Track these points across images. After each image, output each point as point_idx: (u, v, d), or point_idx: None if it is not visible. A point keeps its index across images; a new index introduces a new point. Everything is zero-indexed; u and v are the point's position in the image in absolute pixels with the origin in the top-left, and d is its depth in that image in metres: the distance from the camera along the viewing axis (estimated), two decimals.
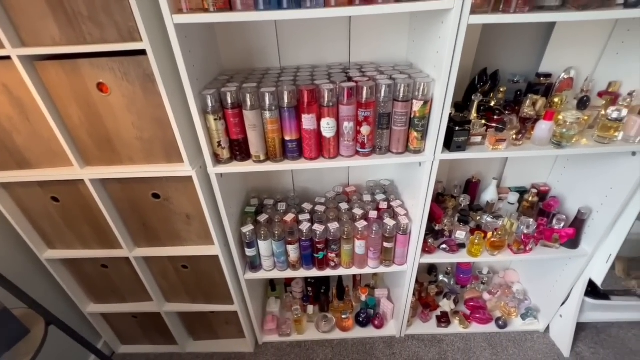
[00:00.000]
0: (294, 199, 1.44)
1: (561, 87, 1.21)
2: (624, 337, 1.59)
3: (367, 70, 1.08)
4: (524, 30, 1.20)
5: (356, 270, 1.36)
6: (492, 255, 1.33)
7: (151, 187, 1.10)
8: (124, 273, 1.34)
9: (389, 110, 0.98)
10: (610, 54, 1.16)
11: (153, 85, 0.88)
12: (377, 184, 1.49)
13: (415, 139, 1.02)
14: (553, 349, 1.56)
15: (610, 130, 1.03)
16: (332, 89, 0.94)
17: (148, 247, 1.26)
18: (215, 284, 1.37)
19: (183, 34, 0.84)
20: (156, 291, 1.40)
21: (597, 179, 1.25)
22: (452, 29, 0.82)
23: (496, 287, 1.74)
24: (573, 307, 1.46)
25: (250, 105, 0.96)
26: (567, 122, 1.01)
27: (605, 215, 1.23)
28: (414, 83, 0.95)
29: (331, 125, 0.98)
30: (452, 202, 1.44)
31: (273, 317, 1.66)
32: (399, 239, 1.27)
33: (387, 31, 1.17)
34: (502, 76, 1.21)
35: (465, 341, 1.61)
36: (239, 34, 1.15)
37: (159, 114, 0.93)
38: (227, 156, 1.05)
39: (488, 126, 1.07)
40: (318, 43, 1.19)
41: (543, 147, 1.05)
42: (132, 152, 1.02)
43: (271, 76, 1.09)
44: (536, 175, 1.52)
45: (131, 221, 1.19)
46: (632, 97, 1.06)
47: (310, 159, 1.05)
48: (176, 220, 1.18)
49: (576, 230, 1.29)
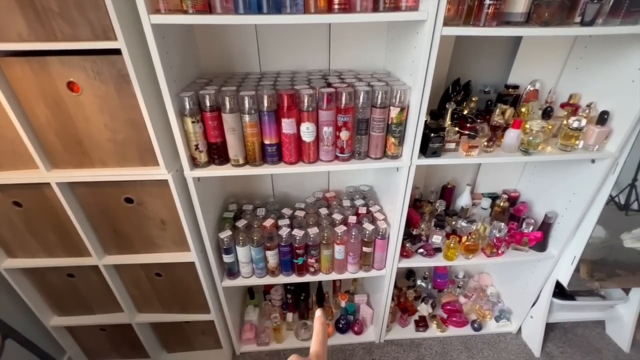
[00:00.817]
0: (274, 205, 1.42)
1: (528, 98, 1.28)
2: (588, 335, 1.68)
3: (346, 77, 1.10)
4: (493, 44, 1.27)
5: (336, 276, 1.36)
6: (467, 259, 1.37)
7: (124, 191, 1.06)
8: (92, 282, 1.27)
9: (367, 116, 1.01)
10: (571, 68, 1.25)
11: (128, 86, 0.86)
12: (357, 190, 1.51)
13: (392, 145, 1.05)
14: (525, 350, 1.61)
15: (572, 139, 1.10)
16: (312, 94, 0.95)
17: (119, 255, 1.21)
18: (191, 292, 1.32)
19: (160, 35, 0.83)
20: (127, 301, 1.33)
21: (561, 185, 1.32)
22: (426, 39, 0.86)
23: (471, 291, 1.79)
24: (542, 308, 1.52)
25: (230, 109, 0.95)
26: (533, 130, 1.07)
27: (569, 219, 1.30)
28: (391, 90, 0.98)
29: (311, 130, 0.99)
30: (428, 207, 1.48)
31: (251, 326, 1.62)
32: (377, 243, 1.29)
33: (366, 40, 1.20)
34: (474, 86, 1.27)
35: (442, 344, 1.63)
36: (219, 37, 1.15)
37: (134, 115, 0.90)
38: (204, 160, 1.03)
39: (461, 133, 1.12)
40: (299, 49, 1.20)
41: (512, 153, 1.10)
42: (103, 155, 0.98)
43: (251, 80, 1.09)
44: (507, 181, 1.59)
45: (101, 227, 1.14)
46: (590, 108, 1.14)
47: (290, 164, 1.05)
48: (150, 225, 1.14)
49: (544, 233, 1.36)
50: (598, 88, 1.15)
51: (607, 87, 1.12)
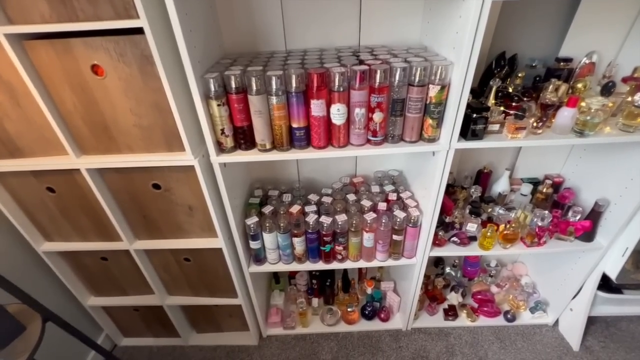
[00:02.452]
0: (299, 190, 1.39)
1: (582, 73, 1.14)
2: (634, 330, 1.57)
3: (378, 53, 1.01)
4: (545, 11, 1.13)
5: (364, 264, 1.32)
6: (505, 248, 1.29)
7: (151, 177, 1.04)
8: (124, 266, 1.30)
9: (403, 95, 0.92)
10: (636, 37, 1.10)
11: (152, 68, 0.82)
12: (386, 175, 1.44)
13: (430, 127, 0.96)
14: (562, 343, 1.53)
15: (637, 118, 0.97)
16: (343, 72, 0.88)
17: (149, 240, 1.22)
18: (219, 277, 1.33)
19: (183, 11, 0.77)
20: (158, 284, 1.36)
21: (617, 170, 1.20)
22: (475, 7, 0.76)
23: (504, 280, 1.71)
24: (585, 300, 1.42)
25: (256, 90, 0.90)
26: (592, 109, 0.95)
27: (624, 207, 1.18)
28: (430, 66, 0.89)
29: (342, 111, 0.92)
30: (462, 193, 1.39)
31: (277, 310, 1.63)
32: (408, 231, 1.23)
33: (400, 11, 1.10)
34: (519, 61, 1.15)
35: (472, 334, 1.58)
36: (242, 13, 1.08)
37: (159, 99, 0.87)
38: (231, 145, 0.99)
39: (507, 113, 1.02)
40: (326, 24, 1.12)
41: (565, 135, 0.99)
42: (130, 140, 0.96)
43: (277, 59, 1.02)
44: (550, 166, 1.47)
45: (131, 213, 1.14)
46: None
47: (319, 148, 0.99)
48: (178, 211, 1.13)
49: (592, 222, 1.24)
50: None
51: None
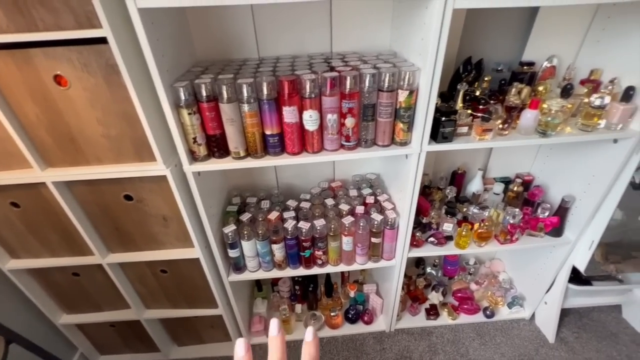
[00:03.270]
0: (278, 196, 1.38)
1: (544, 76, 1.20)
2: (604, 320, 1.64)
3: (350, 60, 1.03)
4: (507, 18, 1.18)
5: (344, 267, 1.33)
6: (480, 247, 1.32)
7: (122, 188, 1.02)
8: (97, 281, 1.25)
9: (374, 101, 0.94)
10: (592, 42, 1.16)
11: (118, 77, 0.80)
12: (364, 178, 1.46)
13: (401, 131, 0.99)
14: (538, 336, 1.58)
15: (594, 118, 1.03)
16: (314, 79, 0.89)
17: (123, 253, 1.18)
18: (198, 288, 1.30)
19: (149, 20, 0.76)
20: (134, 298, 1.32)
21: (580, 168, 1.26)
22: (437, 14, 0.79)
23: (483, 277, 1.76)
24: (557, 293, 1.48)
25: (227, 98, 0.89)
26: (552, 110, 1.00)
27: (588, 203, 1.24)
28: (398, 72, 0.91)
29: (314, 117, 0.93)
30: (438, 194, 1.43)
31: (260, 319, 1.61)
32: (386, 233, 1.25)
33: (370, 19, 1.12)
34: (486, 65, 1.20)
35: (454, 332, 1.61)
36: (214, 22, 1.08)
37: (127, 108, 0.85)
38: (204, 153, 0.98)
39: (474, 116, 1.05)
40: (298, 32, 1.13)
41: (529, 136, 1.04)
42: (98, 151, 0.93)
43: (249, 67, 1.02)
44: (520, 165, 1.53)
45: (102, 225, 1.11)
46: (613, 84, 1.06)
47: (293, 154, 1.00)
48: (152, 222, 1.11)
49: (560, 218, 1.30)
50: (622, 62, 1.07)
51: (632, 60, 1.04)
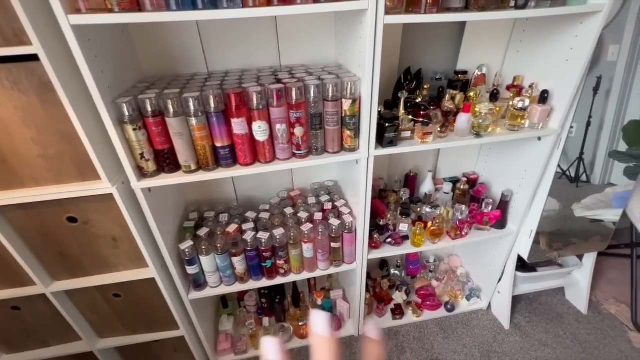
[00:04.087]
0: (238, 209, 1.38)
1: (476, 82, 1.33)
2: (551, 302, 1.78)
3: (297, 72, 1.08)
4: (440, 32, 1.30)
5: (307, 275, 1.34)
6: (434, 244, 1.40)
7: (65, 210, 0.97)
8: (41, 313, 1.16)
9: (320, 110, 0.99)
10: (513, 52, 1.31)
11: (53, 95, 0.78)
12: (322, 186, 1.49)
13: (348, 137, 1.04)
14: (495, 324, 1.68)
15: (518, 119, 1.15)
16: (260, 91, 0.92)
17: (69, 279, 1.11)
18: (156, 310, 1.25)
19: (85, 37, 0.76)
20: (85, 328, 1.24)
21: (514, 164, 1.39)
22: (369, 29, 0.86)
23: (442, 274, 1.84)
24: (507, 282, 1.59)
25: (174, 112, 0.89)
26: (482, 113, 1.10)
27: (523, 195, 1.37)
28: (341, 82, 0.96)
29: (263, 128, 0.96)
30: (393, 196, 1.50)
31: (227, 336, 1.56)
32: (345, 237, 1.28)
33: (315, 33, 1.18)
34: (425, 74, 1.30)
35: (419, 329, 1.67)
36: (158, 37, 1.08)
37: (65, 126, 0.82)
38: (153, 168, 0.96)
39: (415, 121, 1.13)
40: (246, 46, 1.16)
41: (464, 137, 1.13)
42: (35, 173, 0.89)
43: (197, 81, 1.03)
44: (466, 165, 1.65)
45: (44, 252, 1.04)
46: (532, 88, 1.20)
47: (246, 165, 1.01)
48: (101, 244, 1.06)
49: (502, 211, 1.42)
50: (538, 69, 1.21)
51: (545, 67, 1.18)
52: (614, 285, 1.84)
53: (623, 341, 1.57)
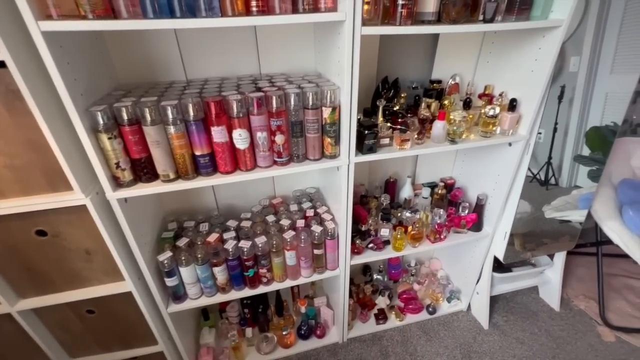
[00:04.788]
0: (218, 218, 1.36)
1: (450, 91, 1.38)
2: (526, 301, 1.85)
3: (277, 81, 1.09)
4: (415, 42, 1.35)
5: (290, 283, 1.33)
6: (414, 247, 1.43)
7: (33, 223, 0.92)
8: (6, 334, 1.09)
9: (301, 118, 1.00)
10: (483, 62, 1.38)
11: (21, 103, 0.75)
12: (304, 193, 1.50)
13: (329, 145, 1.05)
14: (475, 324, 1.73)
15: (490, 126, 1.20)
16: (240, 99, 0.92)
17: (37, 297, 1.05)
18: (132, 325, 1.20)
19: (56, 44, 0.73)
20: (55, 348, 1.17)
21: (488, 169, 1.45)
22: (347, 39, 0.88)
23: (424, 277, 1.88)
24: (485, 283, 1.65)
25: (151, 121, 0.88)
26: (456, 120, 1.15)
27: (497, 199, 1.43)
28: (321, 91, 0.98)
29: (243, 136, 0.96)
30: (374, 202, 1.52)
31: (208, 349, 1.52)
32: (328, 244, 1.29)
33: (294, 43, 1.20)
34: (402, 83, 1.34)
35: (402, 333, 1.69)
36: (135, 44, 1.06)
37: (33, 136, 0.79)
38: (129, 178, 0.94)
39: (393, 128, 1.17)
40: (226, 55, 1.16)
41: (440, 143, 1.17)
42: (0, 184, 0.84)
43: (175, 89, 1.02)
44: (443, 170, 1.70)
45: (10, 268, 0.98)
46: (502, 97, 1.26)
47: (226, 173, 1.00)
48: (73, 258, 1.01)
49: (478, 214, 1.47)
50: (506, 78, 1.28)
51: (513, 77, 1.25)
52: (583, 282, 1.94)
53: (593, 335, 1.65)
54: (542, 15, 1.04)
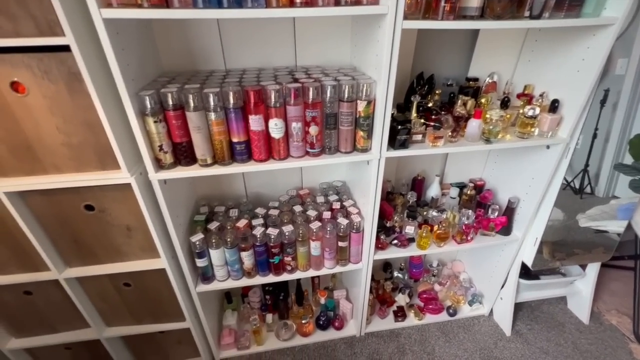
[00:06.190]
0: (247, 205, 1.40)
1: (487, 90, 1.35)
2: (552, 311, 1.79)
3: (312, 73, 1.10)
4: (453, 38, 1.32)
5: (313, 272, 1.36)
6: (439, 247, 1.41)
7: (83, 198, 0.99)
8: (52, 299, 1.19)
9: (335, 110, 1.01)
10: (524, 61, 1.33)
11: (81, 85, 0.80)
12: (330, 186, 1.51)
13: (361, 138, 1.06)
14: (497, 330, 1.69)
15: (528, 127, 1.17)
16: (279, 89, 0.94)
17: (82, 266, 1.14)
18: (164, 301, 1.27)
19: (114, 30, 0.78)
20: (94, 316, 1.26)
21: (522, 171, 1.40)
22: (388, 33, 0.88)
23: (445, 278, 1.85)
24: (510, 289, 1.60)
25: (194, 107, 0.92)
26: (493, 119, 1.12)
27: (530, 203, 1.38)
28: (357, 84, 0.99)
29: (279, 125, 0.98)
30: (400, 199, 1.52)
31: (230, 331, 1.58)
32: (352, 237, 1.30)
33: (331, 36, 1.21)
34: (437, 80, 1.32)
35: (420, 332, 1.68)
36: (180, 34, 1.11)
37: (90, 116, 0.85)
38: (170, 161, 0.99)
39: (427, 125, 1.15)
40: (264, 46, 1.19)
41: (475, 142, 1.15)
42: (58, 160, 0.91)
43: (215, 78, 1.06)
44: (473, 170, 1.66)
45: (60, 238, 1.07)
46: (543, 97, 1.22)
47: (260, 161, 1.03)
48: (115, 233, 1.08)
49: (508, 218, 1.43)
50: (549, 78, 1.23)
51: (556, 77, 1.20)
52: (617, 296, 1.85)
53: (624, 352, 1.58)
54: (594, 12, 0.99)
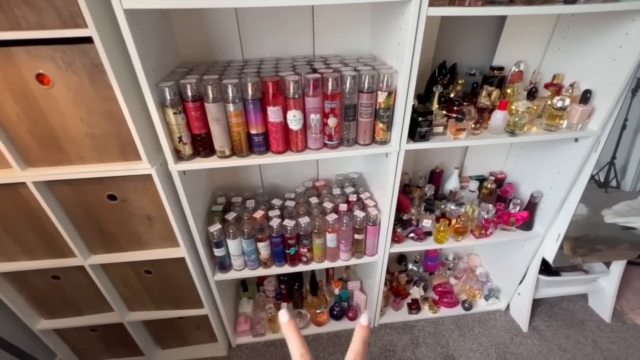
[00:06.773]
0: (263, 196, 1.40)
1: (513, 80, 1.29)
2: (572, 308, 1.75)
3: (331, 63, 1.08)
4: (478, 26, 1.26)
5: (328, 264, 1.36)
6: (457, 241, 1.39)
7: (106, 187, 1.02)
8: (78, 283, 1.23)
9: (355, 101, 0.99)
10: (554, 49, 1.26)
11: (102, 77, 0.81)
12: (346, 178, 1.50)
13: (381, 130, 1.04)
14: (513, 325, 1.67)
15: (556, 119, 1.11)
16: (297, 80, 0.93)
17: (105, 254, 1.17)
18: (183, 288, 1.30)
19: (134, 21, 0.78)
20: (117, 300, 1.31)
21: (546, 165, 1.35)
22: (412, 21, 0.84)
23: (461, 272, 1.83)
24: (529, 284, 1.57)
25: (213, 98, 0.92)
26: (519, 111, 1.08)
27: (554, 198, 1.33)
28: (377, 74, 0.96)
29: (297, 117, 0.97)
30: (418, 192, 1.49)
31: (246, 318, 1.62)
32: (369, 230, 1.29)
33: (350, 24, 1.17)
34: (459, 69, 1.27)
35: (435, 325, 1.67)
36: (198, 24, 1.10)
37: (111, 107, 0.86)
38: (189, 152, 1.00)
39: (449, 116, 1.12)
40: (282, 35, 1.16)
41: (499, 135, 1.11)
42: (82, 150, 0.93)
43: (234, 68, 1.05)
44: (493, 163, 1.61)
45: (84, 226, 1.10)
46: (573, 87, 1.15)
47: (278, 153, 1.03)
48: (136, 222, 1.11)
49: (530, 213, 1.39)
50: (580, 67, 1.16)
51: (589, 66, 1.13)
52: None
53: None
54: None
